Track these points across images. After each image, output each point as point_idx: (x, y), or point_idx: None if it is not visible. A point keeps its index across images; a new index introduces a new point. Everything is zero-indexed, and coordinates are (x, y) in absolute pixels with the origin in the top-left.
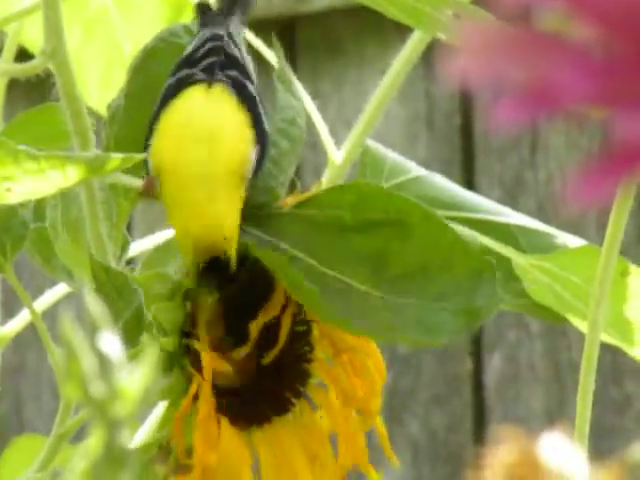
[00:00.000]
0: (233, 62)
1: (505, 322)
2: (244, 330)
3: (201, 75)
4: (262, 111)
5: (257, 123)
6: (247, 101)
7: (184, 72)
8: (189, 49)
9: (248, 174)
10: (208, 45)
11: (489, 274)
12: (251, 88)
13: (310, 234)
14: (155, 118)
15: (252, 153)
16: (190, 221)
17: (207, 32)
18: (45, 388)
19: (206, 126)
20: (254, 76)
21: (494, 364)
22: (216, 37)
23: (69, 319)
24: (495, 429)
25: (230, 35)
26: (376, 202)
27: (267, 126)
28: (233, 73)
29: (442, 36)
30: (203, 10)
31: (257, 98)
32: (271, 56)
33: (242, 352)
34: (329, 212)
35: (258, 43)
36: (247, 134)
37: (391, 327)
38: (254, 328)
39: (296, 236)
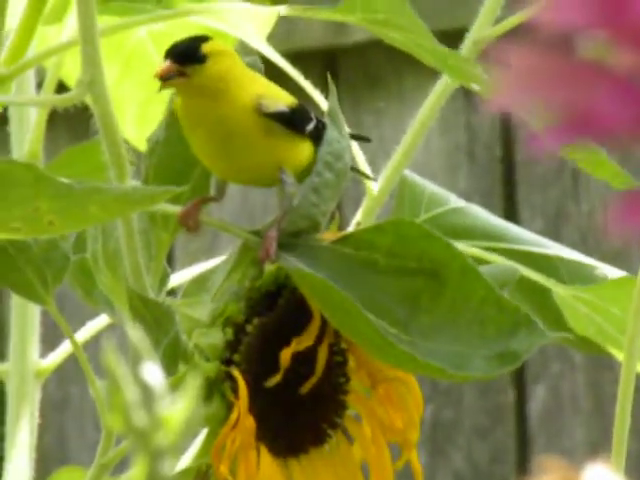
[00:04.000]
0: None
1: (548, 354)
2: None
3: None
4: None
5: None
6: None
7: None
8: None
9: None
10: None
11: (526, 324)
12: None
13: (345, 271)
14: None
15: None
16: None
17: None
18: (88, 421)
19: None
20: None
21: (537, 396)
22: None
23: (112, 350)
24: (539, 460)
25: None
26: (413, 247)
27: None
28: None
29: (474, 86)
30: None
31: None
32: (310, 87)
33: (273, 381)
34: (364, 253)
35: (298, 75)
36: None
37: (425, 358)
38: (285, 356)
39: (332, 271)
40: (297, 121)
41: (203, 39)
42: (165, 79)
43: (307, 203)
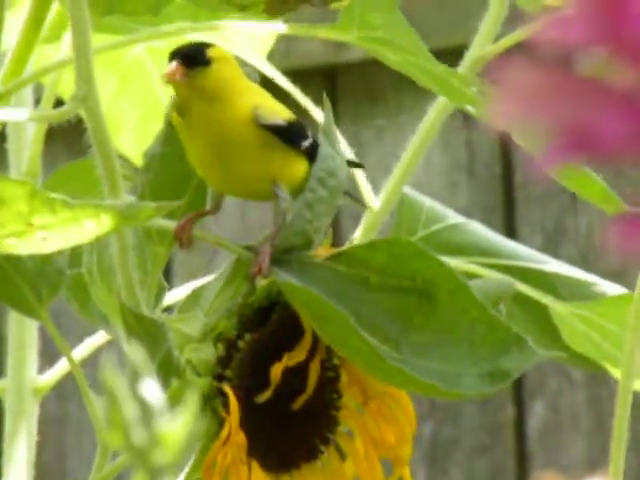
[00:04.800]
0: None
1: (547, 370)
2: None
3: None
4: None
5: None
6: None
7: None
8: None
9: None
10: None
11: (517, 344)
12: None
13: (337, 288)
14: None
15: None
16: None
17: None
18: (87, 438)
19: None
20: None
21: (536, 412)
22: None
23: (110, 366)
24: (537, 477)
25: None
26: (405, 267)
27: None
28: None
29: (470, 108)
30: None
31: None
32: (309, 105)
33: (264, 396)
34: (357, 271)
35: (297, 92)
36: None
37: (418, 374)
38: (276, 372)
39: (325, 288)
40: (294, 136)
41: (208, 44)
42: (172, 79)
43: (300, 219)
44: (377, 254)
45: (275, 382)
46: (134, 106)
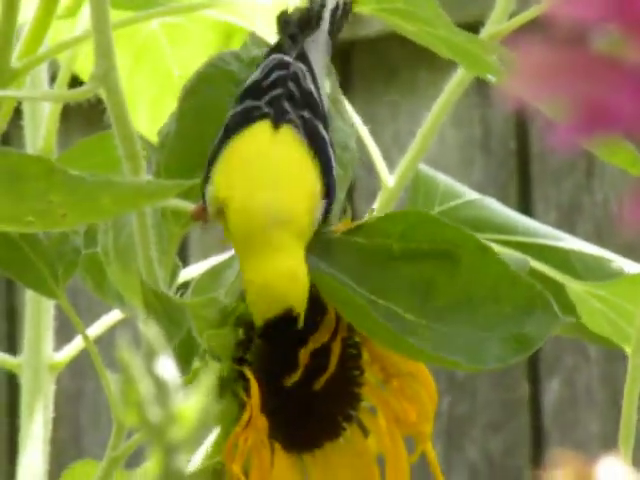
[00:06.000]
0: (307, 100)
1: (563, 347)
2: (294, 356)
3: (266, 108)
4: (332, 155)
5: (327, 172)
6: (318, 148)
7: (249, 103)
8: (254, 76)
9: (314, 226)
10: (274, 75)
11: (541, 303)
12: (323, 132)
13: (359, 261)
14: (218, 149)
15: (321, 207)
16: (262, 274)
17: (274, 59)
18: (103, 415)
19: (275, 168)
20: (326, 108)
21: (552, 389)
22: (282, 65)
23: (126, 344)
24: (552, 454)
25: (304, 58)
26: (424, 232)
27: (335, 174)
28: (306, 114)
29: (490, 78)
30: (281, 30)
31: (327, 140)
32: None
33: (291, 379)
34: (377, 241)
35: None
36: (317, 185)
37: (437, 352)
38: (304, 355)
39: (346, 263)
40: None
41: None
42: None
43: None
44: (395, 223)
45: (303, 365)
46: (148, 83)
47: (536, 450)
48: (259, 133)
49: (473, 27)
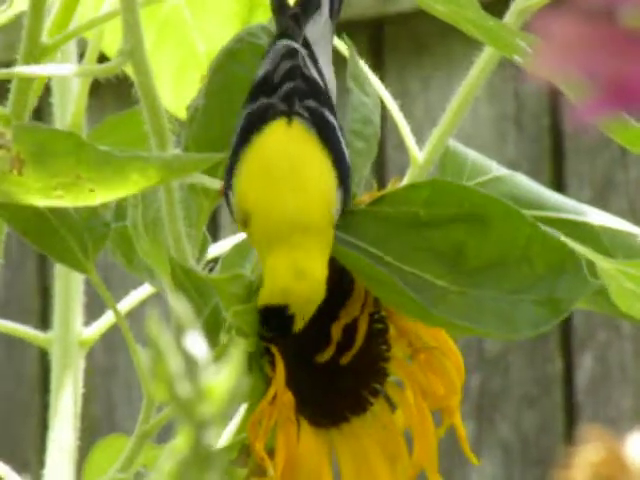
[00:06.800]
0: (311, 88)
1: (595, 323)
2: (323, 331)
3: (281, 105)
4: (342, 140)
5: (339, 160)
6: (328, 138)
7: (263, 101)
8: (264, 69)
9: (335, 218)
10: (284, 66)
11: (572, 264)
12: (331, 119)
13: (385, 231)
14: (237, 154)
15: (338, 197)
16: (282, 269)
17: (281, 46)
18: (136, 390)
19: (292, 172)
20: (333, 88)
21: (585, 365)
22: (291, 53)
23: (155, 319)
24: (584, 429)
25: (306, 44)
26: (451, 197)
27: (348, 157)
28: (311, 103)
29: (517, 58)
30: (279, 8)
31: (337, 128)
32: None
33: (325, 355)
34: (403, 209)
35: (340, 44)
36: (332, 177)
37: (470, 320)
38: (337, 330)
39: (372, 233)
40: None
41: None
42: None
43: None
44: (419, 191)
45: (336, 340)
46: (172, 57)
47: (569, 426)
48: (275, 135)
49: (503, 2)
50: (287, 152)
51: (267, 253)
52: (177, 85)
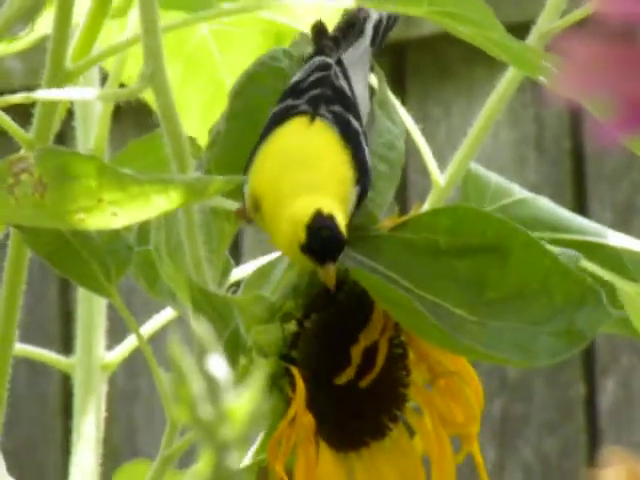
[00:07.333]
0: (339, 96)
1: (618, 347)
2: (343, 354)
3: (305, 107)
4: (365, 146)
5: (359, 160)
6: (350, 138)
7: (289, 102)
8: (296, 77)
9: (348, 212)
10: (315, 75)
11: (592, 296)
12: (355, 124)
13: (406, 257)
14: (255, 148)
15: (354, 194)
16: (290, 236)
17: (316, 60)
18: (158, 414)
19: (306, 156)
20: (364, 108)
21: (608, 389)
22: (324, 66)
23: (177, 343)
24: (605, 453)
25: (340, 63)
26: (473, 226)
27: (369, 161)
28: (337, 108)
29: (542, 79)
30: (318, 33)
31: (361, 133)
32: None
33: (345, 377)
34: (424, 236)
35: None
36: (349, 172)
37: (489, 348)
38: (357, 352)
39: (392, 259)
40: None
41: None
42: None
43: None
44: (441, 218)
45: (356, 363)
46: (199, 91)
47: (592, 451)
48: (294, 127)
49: (525, 26)
50: (303, 141)
51: (278, 223)
52: (205, 119)
